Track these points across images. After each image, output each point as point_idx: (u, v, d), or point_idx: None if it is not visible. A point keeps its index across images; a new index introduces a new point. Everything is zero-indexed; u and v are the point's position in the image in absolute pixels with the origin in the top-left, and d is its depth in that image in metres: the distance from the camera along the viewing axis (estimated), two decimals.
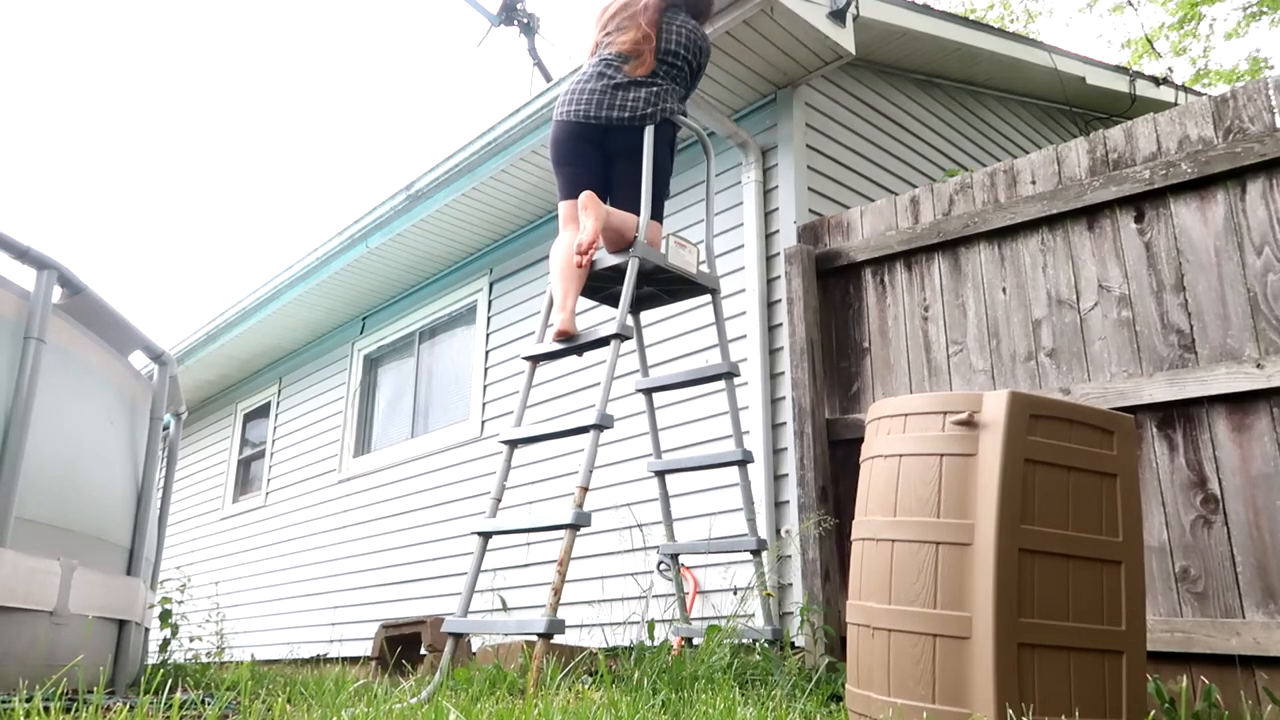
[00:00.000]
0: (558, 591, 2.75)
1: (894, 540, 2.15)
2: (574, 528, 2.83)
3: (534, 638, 2.96)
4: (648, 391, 3.83)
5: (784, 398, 4.01)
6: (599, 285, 3.58)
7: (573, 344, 3.29)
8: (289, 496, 7.75)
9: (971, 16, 13.18)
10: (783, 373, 4.04)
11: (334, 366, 7.68)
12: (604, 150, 3.49)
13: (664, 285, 3.63)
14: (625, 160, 3.45)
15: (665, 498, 3.76)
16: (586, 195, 3.25)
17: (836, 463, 3.64)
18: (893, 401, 2.30)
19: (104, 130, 52.33)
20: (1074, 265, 3.19)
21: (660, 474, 3.75)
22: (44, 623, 2.56)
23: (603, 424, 2.98)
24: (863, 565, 2.25)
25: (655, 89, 3.46)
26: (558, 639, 3.86)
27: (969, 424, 2.10)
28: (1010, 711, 1.91)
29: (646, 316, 4.47)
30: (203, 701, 2.33)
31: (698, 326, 4.47)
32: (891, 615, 2.10)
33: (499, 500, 3.17)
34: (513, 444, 3.28)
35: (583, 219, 3.23)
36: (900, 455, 2.20)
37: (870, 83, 5.02)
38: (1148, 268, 3.00)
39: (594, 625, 4.30)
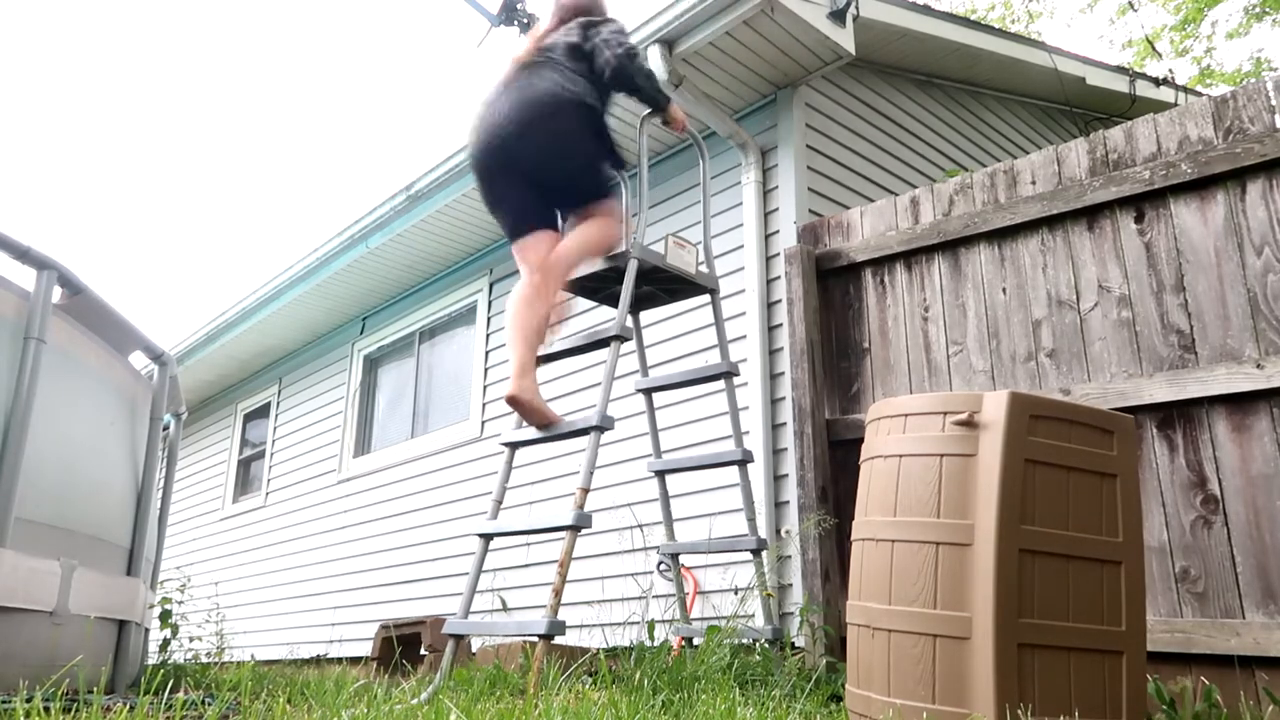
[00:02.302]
0: (558, 592, 2.75)
1: (894, 540, 2.15)
2: (575, 529, 2.83)
3: (534, 638, 2.96)
4: (648, 391, 3.83)
5: (784, 398, 4.02)
6: (598, 285, 3.58)
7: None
8: (289, 497, 7.75)
9: (972, 16, 13.18)
10: (783, 373, 4.04)
11: (334, 367, 7.68)
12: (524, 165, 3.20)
13: (663, 284, 3.63)
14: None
15: (665, 498, 3.76)
16: (526, 246, 3.13)
17: (836, 463, 3.64)
18: (893, 402, 2.30)
19: (104, 130, 52.35)
20: (1074, 266, 3.18)
21: (660, 474, 3.75)
22: (44, 623, 2.56)
23: (603, 425, 2.98)
24: (863, 565, 2.25)
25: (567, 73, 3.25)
26: (558, 639, 3.85)
27: (969, 424, 2.10)
28: (1010, 712, 1.91)
29: (646, 317, 4.47)
30: (203, 702, 2.33)
31: (698, 327, 4.47)
32: (891, 615, 2.10)
33: (500, 502, 3.17)
34: (514, 446, 3.27)
35: (534, 282, 3.04)
36: (900, 455, 2.20)
37: (870, 83, 5.02)
38: (1148, 268, 3.00)
39: (594, 625, 4.30)
